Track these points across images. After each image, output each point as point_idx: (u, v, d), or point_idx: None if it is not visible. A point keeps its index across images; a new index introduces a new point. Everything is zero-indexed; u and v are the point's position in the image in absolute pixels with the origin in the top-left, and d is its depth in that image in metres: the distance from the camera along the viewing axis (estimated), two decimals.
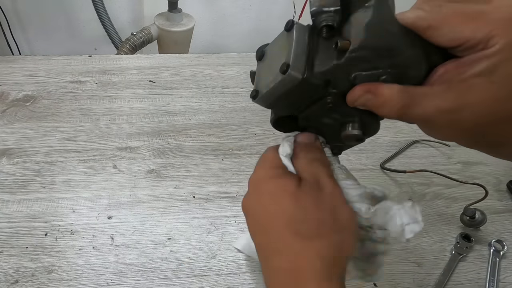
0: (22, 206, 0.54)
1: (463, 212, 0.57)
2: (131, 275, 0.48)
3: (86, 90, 0.76)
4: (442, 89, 0.26)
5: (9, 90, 0.74)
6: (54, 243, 0.50)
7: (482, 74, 0.24)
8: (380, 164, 0.66)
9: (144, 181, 0.59)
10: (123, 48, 1.46)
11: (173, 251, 0.51)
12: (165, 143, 0.66)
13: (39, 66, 0.80)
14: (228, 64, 0.87)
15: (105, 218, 0.54)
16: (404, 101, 0.27)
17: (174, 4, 1.48)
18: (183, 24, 1.51)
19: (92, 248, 0.50)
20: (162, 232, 0.53)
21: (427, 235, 0.56)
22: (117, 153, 0.63)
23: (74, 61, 0.83)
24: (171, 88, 0.78)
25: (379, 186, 0.34)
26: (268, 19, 1.76)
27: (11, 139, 0.64)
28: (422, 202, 0.60)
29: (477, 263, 0.53)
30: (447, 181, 0.64)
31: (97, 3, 1.46)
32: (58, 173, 0.59)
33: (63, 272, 0.47)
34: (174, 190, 0.59)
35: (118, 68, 0.82)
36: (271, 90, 0.31)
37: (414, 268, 0.52)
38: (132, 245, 0.51)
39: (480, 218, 0.56)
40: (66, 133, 0.66)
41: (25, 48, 1.66)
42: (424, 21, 0.26)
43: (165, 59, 0.87)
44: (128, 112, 0.72)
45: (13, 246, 0.50)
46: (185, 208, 0.56)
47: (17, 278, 0.46)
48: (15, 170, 0.59)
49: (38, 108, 0.70)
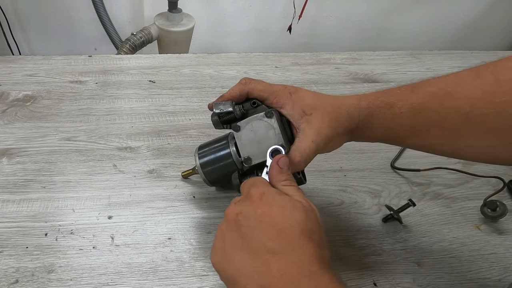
0: (22, 206, 0.54)
1: (484, 205, 0.57)
2: (131, 275, 0.48)
3: (86, 90, 0.76)
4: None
5: (9, 90, 0.74)
6: (54, 243, 0.50)
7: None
8: (391, 163, 0.66)
9: (144, 181, 0.59)
10: (123, 48, 1.46)
11: (173, 251, 0.51)
12: (165, 143, 0.66)
13: (39, 66, 0.80)
14: (228, 64, 0.87)
15: (105, 218, 0.54)
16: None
17: (174, 4, 1.48)
18: (183, 24, 1.51)
19: (92, 248, 0.50)
20: (162, 232, 0.53)
21: (427, 235, 0.56)
22: (117, 153, 0.63)
23: (74, 61, 0.83)
24: (171, 88, 0.78)
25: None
26: (268, 19, 1.76)
27: (11, 139, 0.64)
28: (422, 202, 0.60)
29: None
30: (447, 181, 0.64)
31: (97, 3, 1.46)
32: (58, 173, 0.59)
33: (63, 272, 0.47)
34: (174, 190, 0.59)
35: (118, 68, 0.82)
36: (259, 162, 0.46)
37: (414, 268, 0.52)
38: (132, 245, 0.51)
39: (501, 210, 0.56)
40: (66, 133, 0.66)
41: (25, 48, 1.66)
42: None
43: (165, 59, 0.87)
44: (128, 112, 0.72)
45: (13, 246, 0.50)
46: (185, 208, 0.56)
47: (17, 278, 0.46)
48: (15, 170, 0.59)
49: (38, 108, 0.70)
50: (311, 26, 1.81)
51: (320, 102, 0.46)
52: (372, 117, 0.44)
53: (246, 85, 0.48)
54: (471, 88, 0.39)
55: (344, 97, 0.47)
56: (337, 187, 0.61)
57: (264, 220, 0.36)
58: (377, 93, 0.45)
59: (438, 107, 0.41)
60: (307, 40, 1.86)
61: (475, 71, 0.40)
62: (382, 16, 1.83)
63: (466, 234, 0.57)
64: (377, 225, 0.57)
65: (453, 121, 0.40)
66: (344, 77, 0.87)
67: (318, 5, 1.73)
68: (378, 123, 0.44)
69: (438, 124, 0.41)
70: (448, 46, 1.92)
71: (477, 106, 0.38)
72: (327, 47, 1.85)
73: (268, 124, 0.45)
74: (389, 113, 0.43)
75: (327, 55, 0.94)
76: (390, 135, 0.45)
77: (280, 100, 0.46)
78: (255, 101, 0.48)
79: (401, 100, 0.43)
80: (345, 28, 1.86)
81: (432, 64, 0.94)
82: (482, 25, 1.94)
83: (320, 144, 0.44)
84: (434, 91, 0.41)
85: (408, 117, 0.42)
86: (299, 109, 0.45)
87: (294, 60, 0.91)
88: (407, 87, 0.44)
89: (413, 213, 0.58)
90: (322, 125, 0.44)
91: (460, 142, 0.41)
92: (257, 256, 0.34)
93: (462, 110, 0.39)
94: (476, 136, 0.40)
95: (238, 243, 0.36)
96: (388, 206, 0.57)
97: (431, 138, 0.43)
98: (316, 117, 0.44)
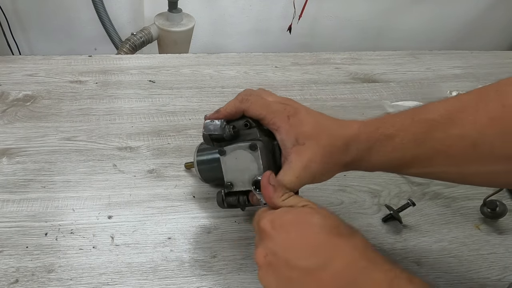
0: (22, 205, 0.54)
1: (484, 204, 0.57)
2: (131, 274, 0.48)
3: (86, 90, 0.76)
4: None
5: (9, 90, 0.74)
6: (54, 242, 0.50)
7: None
8: None
9: (144, 181, 0.59)
10: (123, 48, 1.46)
11: (173, 251, 0.51)
12: (165, 143, 0.66)
13: (39, 66, 0.80)
14: (228, 64, 0.87)
15: (105, 218, 0.54)
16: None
17: (174, 4, 1.48)
18: (183, 24, 1.51)
19: (92, 247, 0.50)
20: (162, 231, 0.53)
21: (427, 235, 0.56)
22: (117, 153, 0.64)
23: (74, 61, 0.83)
24: (171, 88, 0.78)
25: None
26: (268, 19, 1.76)
27: (11, 138, 0.64)
28: (421, 201, 0.60)
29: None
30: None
31: (97, 3, 1.46)
32: (58, 172, 0.59)
33: (63, 271, 0.48)
34: (174, 190, 0.59)
35: (118, 68, 0.82)
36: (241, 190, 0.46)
37: (414, 268, 0.52)
38: (132, 244, 0.51)
39: (501, 210, 0.56)
40: (66, 133, 0.66)
41: (25, 48, 1.66)
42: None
43: (165, 59, 0.87)
44: (128, 112, 0.72)
45: (13, 245, 0.50)
46: (185, 207, 0.56)
47: (17, 278, 0.47)
48: (15, 170, 0.59)
49: (38, 108, 0.71)
50: (311, 26, 1.81)
51: (317, 131, 0.42)
52: (372, 150, 0.41)
53: (243, 103, 0.45)
54: (476, 114, 0.37)
55: (344, 126, 0.43)
56: (337, 187, 0.61)
57: (289, 246, 0.35)
58: (376, 122, 0.42)
59: (443, 135, 0.38)
60: (307, 40, 1.86)
61: (478, 95, 0.38)
62: (382, 16, 1.83)
63: (465, 234, 0.57)
64: (377, 225, 0.57)
65: (460, 149, 0.38)
66: (344, 77, 0.87)
67: (318, 5, 1.73)
68: (378, 156, 0.42)
69: (443, 153, 0.39)
70: (448, 46, 1.92)
71: (485, 132, 0.36)
72: (327, 47, 1.86)
73: (252, 156, 0.43)
74: (389, 145, 0.41)
75: (327, 55, 0.94)
76: (390, 166, 0.43)
77: (277, 122, 0.43)
78: (248, 122, 0.45)
79: (402, 130, 0.40)
80: (345, 28, 1.86)
81: (432, 64, 0.94)
82: (482, 25, 1.94)
83: (304, 180, 0.42)
84: (436, 118, 0.39)
85: (410, 148, 0.40)
86: (293, 137, 0.42)
87: (294, 60, 0.91)
88: (405, 115, 0.41)
89: (413, 212, 0.58)
90: (312, 159, 0.41)
91: (468, 169, 0.39)
92: (307, 282, 0.33)
93: (469, 137, 0.37)
94: (484, 162, 0.38)
95: (284, 283, 0.35)
96: (388, 206, 0.58)
97: (436, 166, 0.40)
98: (308, 149, 0.41)
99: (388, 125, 0.41)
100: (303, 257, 0.34)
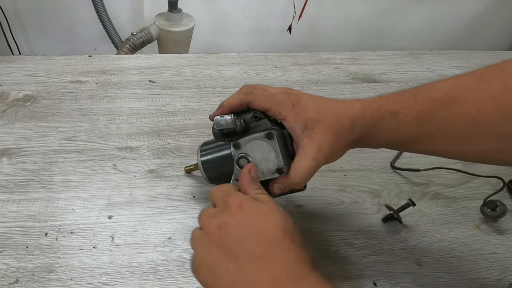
0: (22, 205, 0.54)
1: (484, 204, 0.57)
2: (132, 274, 0.48)
3: (86, 90, 0.76)
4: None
5: (9, 90, 0.74)
6: (55, 242, 0.50)
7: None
8: (391, 163, 0.66)
9: (144, 181, 0.59)
10: (123, 48, 1.46)
11: (173, 251, 0.51)
12: (165, 143, 0.66)
13: (39, 66, 0.80)
14: (228, 64, 0.87)
15: (105, 218, 0.54)
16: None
17: (174, 4, 1.48)
18: (183, 24, 1.51)
19: (92, 247, 0.50)
20: (162, 231, 0.53)
21: (427, 235, 0.56)
22: (117, 153, 0.63)
23: (74, 61, 0.83)
24: (171, 88, 0.78)
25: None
26: (268, 19, 1.76)
27: (11, 139, 0.64)
28: (422, 202, 0.60)
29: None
30: (446, 180, 0.64)
31: (97, 3, 1.46)
32: (58, 173, 0.59)
33: (64, 271, 0.48)
34: (174, 190, 0.59)
35: (118, 68, 0.82)
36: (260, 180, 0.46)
37: (414, 268, 0.52)
38: (132, 244, 0.51)
39: (501, 210, 0.56)
40: (66, 133, 0.66)
41: (25, 48, 1.66)
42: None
43: (165, 59, 0.87)
44: (128, 112, 0.72)
45: (14, 245, 0.50)
46: (185, 208, 0.56)
47: (18, 278, 0.46)
48: (15, 170, 0.59)
49: (38, 108, 0.71)
50: (311, 26, 1.81)
51: (322, 114, 0.44)
52: (377, 126, 0.43)
53: (247, 95, 0.47)
54: (478, 93, 0.38)
55: (347, 105, 0.45)
56: (337, 187, 0.61)
57: (247, 228, 0.36)
58: (380, 99, 0.44)
59: (445, 113, 0.40)
60: (307, 40, 1.86)
61: (480, 75, 0.39)
62: (382, 16, 1.83)
63: (466, 234, 0.57)
64: (377, 225, 0.57)
65: (460, 126, 0.39)
66: (344, 77, 0.87)
67: (318, 5, 1.73)
68: (383, 131, 0.43)
69: (444, 130, 0.40)
70: (448, 46, 1.92)
71: (485, 111, 0.37)
72: (327, 47, 1.85)
73: (269, 145, 0.44)
74: (393, 121, 0.42)
75: (327, 55, 0.94)
76: (394, 142, 0.44)
77: (283, 112, 0.45)
78: (257, 114, 0.47)
79: (405, 107, 0.42)
80: (345, 28, 1.86)
81: (432, 64, 0.94)
82: (482, 25, 1.94)
83: (321, 161, 0.43)
84: (439, 96, 0.41)
85: (413, 125, 0.41)
86: (301, 123, 0.43)
87: (294, 60, 0.91)
88: (410, 92, 0.43)
89: (413, 213, 0.58)
90: (323, 140, 0.43)
91: (466, 147, 0.41)
92: (246, 266, 0.34)
93: (469, 115, 0.38)
94: (483, 141, 0.39)
95: (224, 257, 0.35)
96: (388, 206, 0.58)
97: (437, 144, 0.42)
98: (318, 132, 0.43)
99: (392, 102, 0.43)
100: (256, 243, 0.35)
